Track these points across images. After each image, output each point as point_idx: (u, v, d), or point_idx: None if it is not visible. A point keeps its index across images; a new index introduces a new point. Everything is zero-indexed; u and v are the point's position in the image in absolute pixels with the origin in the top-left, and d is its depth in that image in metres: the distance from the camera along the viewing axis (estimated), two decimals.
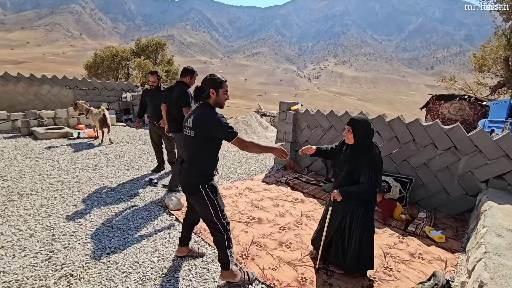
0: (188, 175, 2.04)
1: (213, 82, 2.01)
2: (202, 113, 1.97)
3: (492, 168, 3.51)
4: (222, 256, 2.15)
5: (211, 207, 2.05)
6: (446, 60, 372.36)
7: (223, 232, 2.11)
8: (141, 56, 21.76)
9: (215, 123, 1.91)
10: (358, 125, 2.20)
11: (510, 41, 14.65)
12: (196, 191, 2.02)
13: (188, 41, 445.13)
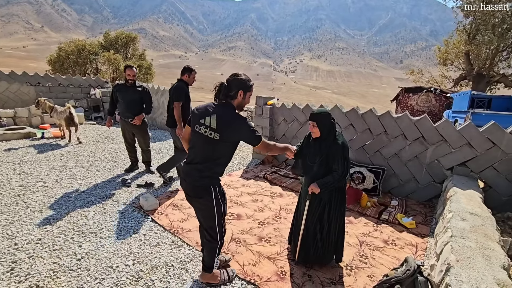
0: (201, 177, 1.89)
1: (243, 84, 1.88)
2: (228, 115, 1.82)
3: (456, 156, 3.73)
4: (209, 260, 2.10)
5: (216, 212, 1.96)
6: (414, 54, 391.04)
7: (218, 240, 2.05)
8: (110, 50, 20.69)
9: (244, 127, 1.81)
10: (321, 118, 2.25)
11: (470, 36, 15.63)
12: (206, 194, 1.91)
13: (161, 35, 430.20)
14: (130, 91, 4.19)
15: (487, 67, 15.55)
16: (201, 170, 1.89)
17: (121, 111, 4.24)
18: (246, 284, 2.22)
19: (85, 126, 7.64)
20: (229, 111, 1.84)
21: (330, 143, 2.26)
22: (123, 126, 4.34)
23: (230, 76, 1.91)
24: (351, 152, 4.55)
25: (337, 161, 2.22)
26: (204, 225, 2.04)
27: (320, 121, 2.25)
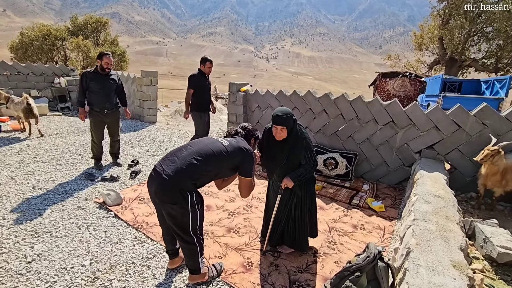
0: (177, 176, 1.74)
1: (255, 135, 2.23)
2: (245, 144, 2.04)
3: (424, 139, 3.79)
4: (193, 264, 1.98)
5: (191, 219, 1.82)
6: (392, 40, 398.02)
7: (196, 243, 1.91)
8: (79, 36, 19.41)
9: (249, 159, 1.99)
10: (288, 121, 2.10)
11: (444, 21, 15.96)
12: (180, 200, 1.75)
13: (136, 20, 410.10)
14: (107, 80, 3.89)
15: (459, 52, 16.02)
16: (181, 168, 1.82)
17: (96, 101, 3.88)
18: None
19: (49, 117, 7.16)
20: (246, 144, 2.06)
21: (293, 143, 2.17)
22: (96, 118, 3.96)
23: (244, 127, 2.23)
24: (324, 138, 4.54)
25: (304, 157, 2.19)
26: (177, 230, 1.86)
27: (289, 124, 2.11)
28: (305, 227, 2.39)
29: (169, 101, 20.72)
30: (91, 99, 3.90)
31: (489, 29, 15.12)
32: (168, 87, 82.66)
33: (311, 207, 2.41)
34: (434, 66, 18.32)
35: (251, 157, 2.00)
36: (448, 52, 16.43)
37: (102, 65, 3.82)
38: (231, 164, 1.96)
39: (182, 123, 7.83)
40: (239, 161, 1.96)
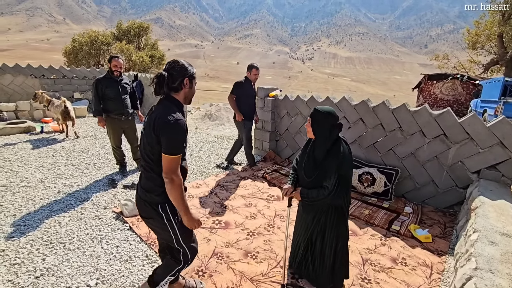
0: (144, 190, 1.61)
1: (188, 71, 1.59)
2: (160, 112, 1.52)
3: (484, 158, 3.16)
4: (160, 274, 1.79)
5: (172, 233, 1.64)
6: (440, 38, 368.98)
7: (182, 261, 1.73)
8: (122, 40, 20.66)
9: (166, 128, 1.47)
10: (317, 117, 1.84)
11: (505, 17, 14.14)
12: (153, 215, 1.60)
13: (177, 24, 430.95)
14: (121, 86, 3.86)
15: None
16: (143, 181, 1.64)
17: (114, 108, 3.83)
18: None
19: (87, 119, 7.52)
20: (166, 108, 1.54)
21: (325, 153, 1.84)
22: (114, 124, 3.92)
23: (168, 65, 1.59)
24: (360, 150, 4.06)
25: (329, 177, 1.80)
26: (167, 243, 1.75)
27: (316, 119, 1.86)
28: (325, 261, 2.02)
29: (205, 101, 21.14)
30: (109, 106, 3.81)
31: None
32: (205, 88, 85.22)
33: (338, 242, 2.00)
34: (491, 67, 16.33)
35: (165, 124, 1.47)
36: (509, 51, 14.51)
37: (111, 67, 3.78)
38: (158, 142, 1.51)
39: (210, 127, 7.76)
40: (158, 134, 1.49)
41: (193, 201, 3.42)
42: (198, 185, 3.89)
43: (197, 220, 1.62)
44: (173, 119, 1.48)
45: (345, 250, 2.05)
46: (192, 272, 2.23)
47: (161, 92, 1.57)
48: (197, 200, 3.44)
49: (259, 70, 4.35)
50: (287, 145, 5.06)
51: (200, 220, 1.65)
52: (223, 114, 8.14)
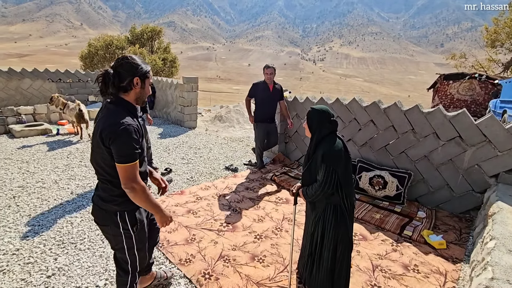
0: (97, 197, 1.52)
1: (139, 70, 1.43)
2: (106, 119, 1.39)
3: (503, 161, 3.02)
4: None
5: (126, 243, 1.56)
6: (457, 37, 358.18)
7: (129, 271, 1.65)
8: (136, 44, 21.14)
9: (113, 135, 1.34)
10: (310, 114, 1.95)
11: None
12: (109, 222, 1.52)
13: (189, 27, 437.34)
14: None
15: None
16: (99, 190, 1.53)
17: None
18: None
19: None
20: (110, 116, 1.38)
21: (315, 146, 1.92)
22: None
23: (116, 61, 1.43)
24: (371, 153, 3.97)
25: (319, 167, 1.87)
26: (116, 253, 1.66)
27: (308, 115, 1.97)
28: (322, 264, 1.98)
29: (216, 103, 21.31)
30: None
31: None
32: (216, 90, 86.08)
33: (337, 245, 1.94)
34: (511, 66, 15.70)
35: (111, 132, 1.34)
36: None
37: None
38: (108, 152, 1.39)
39: (220, 128, 7.80)
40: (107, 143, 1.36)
41: (201, 203, 3.43)
42: (206, 187, 3.91)
43: (169, 216, 1.59)
44: (120, 126, 1.34)
45: (346, 259, 1.96)
46: (198, 275, 2.23)
47: (107, 92, 1.42)
48: (205, 202, 3.45)
49: (271, 69, 4.17)
50: (296, 147, 5.02)
51: (171, 217, 1.61)
52: (233, 116, 8.17)
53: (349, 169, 1.90)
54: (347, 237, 1.94)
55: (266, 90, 4.28)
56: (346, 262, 1.96)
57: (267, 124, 4.40)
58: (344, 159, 1.85)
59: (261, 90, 4.28)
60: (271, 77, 4.21)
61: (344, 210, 1.91)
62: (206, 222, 3.02)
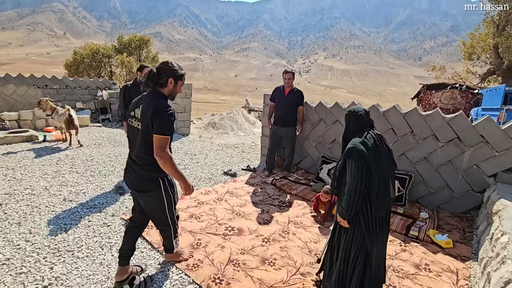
0: (142, 169, 1.86)
1: (174, 72, 1.85)
2: (152, 104, 1.76)
3: (501, 161, 3.11)
4: (168, 244, 2.20)
5: (166, 203, 1.96)
6: (434, 51, 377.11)
7: (170, 225, 2.08)
8: (123, 53, 20.87)
9: (159, 113, 1.73)
10: (346, 117, 1.93)
11: (499, 28, 14.49)
12: (153, 187, 1.88)
13: (176, 38, 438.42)
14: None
15: None
16: (141, 163, 1.86)
17: None
18: None
19: (90, 128, 7.45)
20: (156, 100, 1.78)
21: (344, 146, 1.87)
22: None
23: (160, 64, 1.88)
24: None
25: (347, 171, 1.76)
26: (154, 216, 2.04)
27: (345, 119, 1.95)
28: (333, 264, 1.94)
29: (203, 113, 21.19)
30: None
31: None
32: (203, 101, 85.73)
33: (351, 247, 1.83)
34: (487, 77, 16.59)
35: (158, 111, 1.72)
36: (505, 61, 14.78)
37: (141, 78, 3.79)
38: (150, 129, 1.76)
39: (214, 135, 7.71)
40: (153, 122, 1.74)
41: (203, 207, 3.32)
42: (207, 192, 3.80)
43: (192, 186, 1.94)
44: (166, 106, 1.75)
45: (360, 265, 1.81)
46: (208, 280, 2.12)
47: (149, 85, 1.84)
48: (207, 207, 3.34)
49: (289, 74, 4.18)
50: (295, 152, 5.00)
51: (193, 186, 2.00)
52: (226, 123, 8.11)
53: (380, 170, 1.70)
54: (362, 245, 1.79)
55: (282, 94, 4.30)
56: (359, 268, 1.82)
57: (280, 127, 4.36)
58: (374, 157, 1.70)
59: (278, 94, 4.37)
60: (289, 82, 4.22)
61: (361, 212, 1.76)
62: (211, 226, 2.91)
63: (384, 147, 1.80)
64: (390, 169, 1.80)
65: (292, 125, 4.37)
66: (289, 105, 4.29)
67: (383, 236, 1.83)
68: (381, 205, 1.75)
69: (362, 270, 1.83)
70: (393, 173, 1.83)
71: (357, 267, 1.83)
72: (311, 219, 3.20)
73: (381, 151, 1.75)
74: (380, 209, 1.75)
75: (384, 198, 1.75)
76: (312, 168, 4.74)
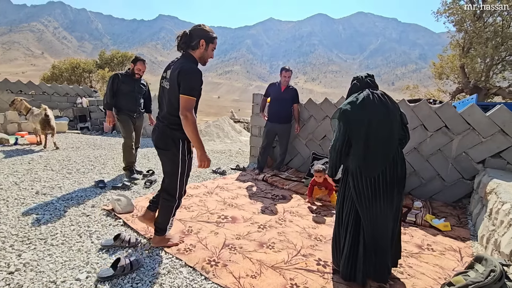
0: (166, 126, 1.89)
1: (206, 34, 1.87)
2: (182, 65, 1.81)
3: (488, 147, 3.20)
4: (163, 221, 2.04)
5: (180, 167, 1.93)
6: (405, 76, 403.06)
7: (176, 198, 2.00)
8: (105, 68, 20.54)
9: (187, 74, 1.76)
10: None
11: (464, 50, 15.77)
12: (172, 147, 1.89)
13: (159, 60, 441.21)
14: (137, 84, 3.78)
15: (483, 80, 15.55)
16: (166, 122, 1.89)
17: (126, 104, 3.67)
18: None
19: (67, 134, 7.03)
20: (186, 62, 1.83)
21: None
22: (127, 120, 3.70)
23: (192, 26, 1.90)
24: None
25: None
26: (166, 180, 2.00)
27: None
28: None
29: None
30: (121, 102, 3.65)
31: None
32: None
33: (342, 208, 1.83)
34: (457, 95, 17.77)
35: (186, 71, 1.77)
36: (471, 80, 15.97)
37: (133, 70, 3.68)
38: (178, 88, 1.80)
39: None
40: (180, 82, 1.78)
41: (193, 199, 3.11)
42: (196, 186, 3.59)
43: (209, 159, 1.90)
44: (193, 67, 1.81)
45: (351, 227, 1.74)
46: (203, 262, 1.92)
47: (182, 47, 1.88)
48: (197, 199, 3.13)
49: (289, 72, 4.15)
50: None
51: (210, 160, 1.91)
52: (212, 130, 7.97)
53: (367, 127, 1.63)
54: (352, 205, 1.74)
55: (278, 91, 4.25)
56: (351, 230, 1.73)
57: (276, 124, 4.30)
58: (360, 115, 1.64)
59: (274, 90, 4.31)
60: (288, 80, 4.19)
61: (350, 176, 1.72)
62: (202, 215, 2.71)
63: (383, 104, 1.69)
64: (387, 126, 1.67)
65: (287, 122, 4.33)
66: (285, 101, 4.27)
67: (383, 201, 1.67)
68: (370, 165, 1.67)
69: (354, 231, 1.74)
70: (393, 131, 1.69)
71: (349, 228, 1.76)
72: (306, 209, 3.08)
73: (371, 108, 1.66)
74: (369, 169, 1.67)
75: (375, 157, 1.66)
76: (303, 166, 4.66)
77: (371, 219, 1.70)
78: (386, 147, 1.68)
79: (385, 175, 1.67)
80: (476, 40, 15.06)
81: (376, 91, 1.76)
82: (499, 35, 14.18)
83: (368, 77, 1.84)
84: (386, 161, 1.67)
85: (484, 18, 14.83)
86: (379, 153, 1.67)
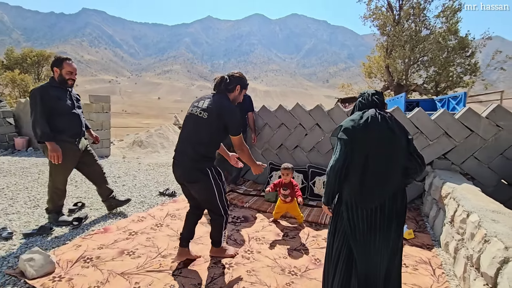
0: (191, 162, 1.94)
1: (242, 82, 2.12)
2: (221, 101, 1.99)
3: (434, 149, 3.37)
4: (216, 235, 2.16)
5: (216, 191, 2.00)
6: (337, 75, 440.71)
7: (223, 215, 2.09)
8: (14, 69, 17.28)
9: (233, 116, 1.97)
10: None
11: (387, 52, 17.64)
12: (201, 178, 1.94)
13: (86, 59, 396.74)
14: (75, 98, 2.80)
15: (404, 78, 17.66)
16: (193, 153, 1.93)
17: (68, 128, 2.68)
18: None
19: None
20: (224, 100, 2.02)
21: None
22: (68, 152, 2.67)
23: (230, 73, 2.12)
24: (320, 157, 3.91)
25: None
26: (207, 205, 2.08)
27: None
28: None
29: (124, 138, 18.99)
30: (59, 126, 2.62)
31: (426, 58, 17.05)
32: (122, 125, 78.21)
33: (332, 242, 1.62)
34: (384, 92, 19.89)
35: (230, 112, 1.97)
36: (394, 79, 18.00)
37: (62, 75, 2.64)
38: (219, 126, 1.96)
39: (142, 155, 6.68)
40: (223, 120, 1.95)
41: (138, 238, 2.54)
42: (140, 218, 3.00)
43: (261, 168, 2.18)
44: (235, 109, 2.02)
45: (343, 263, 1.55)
46: None
47: (222, 89, 2.05)
48: (143, 237, 2.57)
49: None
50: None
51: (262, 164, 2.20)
52: (155, 140, 7.16)
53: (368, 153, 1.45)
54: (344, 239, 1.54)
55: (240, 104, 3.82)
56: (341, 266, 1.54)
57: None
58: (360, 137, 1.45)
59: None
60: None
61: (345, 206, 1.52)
62: (152, 261, 2.19)
63: (386, 128, 1.49)
64: (390, 154, 1.48)
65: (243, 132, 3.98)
66: (240, 111, 3.91)
67: (380, 238, 1.49)
68: (367, 196, 1.49)
69: (345, 269, 1.54)
70: (397, 160, 1.50)
71: (339, 264, 1.55)
72: (273, 232, 2.79)
73: (375, 130, 1.47)
74: (366, 200, 1.49)
75: (373, 188, 1.48)
76: (260, 177, 4.39)
77: (366, 255, 1.49)
78: (386, 179, 1.48)
79: (384, 206, 1.47)
80: (396, 43, 16.99)
81: (382, 112, 1.54)
82: (414, 38, 16.24)
83: (376, 94, 1.62)
84: (386, 195, 1.46)
85: (402, 23, 16.75)
86: (378, 182, 1.48)
